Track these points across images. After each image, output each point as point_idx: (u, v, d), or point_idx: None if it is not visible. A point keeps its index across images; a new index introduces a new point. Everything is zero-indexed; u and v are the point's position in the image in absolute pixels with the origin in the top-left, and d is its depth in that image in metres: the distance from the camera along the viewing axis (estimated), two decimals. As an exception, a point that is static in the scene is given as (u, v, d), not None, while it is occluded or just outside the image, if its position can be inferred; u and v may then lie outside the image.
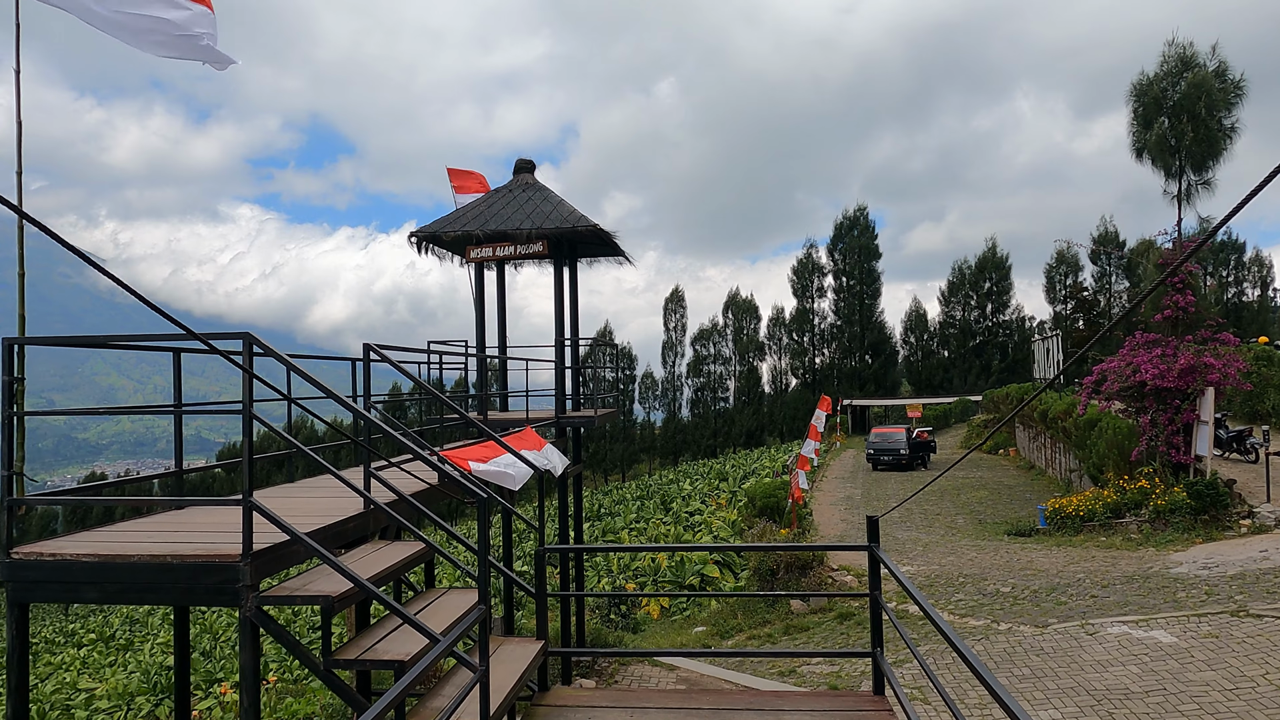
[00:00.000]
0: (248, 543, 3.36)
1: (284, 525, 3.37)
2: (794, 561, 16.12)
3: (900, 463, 34.95)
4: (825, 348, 74.68)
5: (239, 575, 3.34)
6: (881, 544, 18.24)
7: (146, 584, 3.40)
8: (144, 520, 4.37)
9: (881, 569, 4.99)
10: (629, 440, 76.04)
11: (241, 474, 3.37)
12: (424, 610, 4.12)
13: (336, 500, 4.81)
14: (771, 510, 19.47)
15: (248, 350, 3.42)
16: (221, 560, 3.36)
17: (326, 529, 4.01)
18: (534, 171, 10.84)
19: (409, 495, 4.24)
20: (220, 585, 3.34)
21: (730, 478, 39.73)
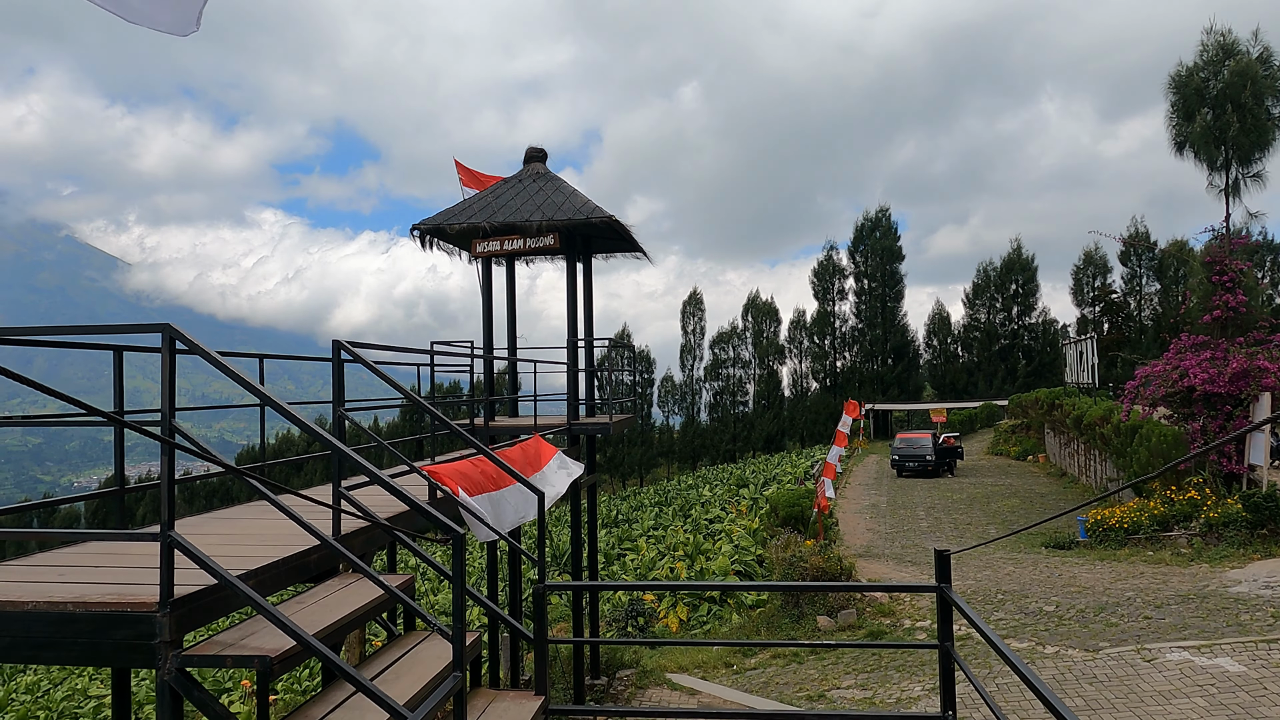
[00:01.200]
0: (167, 587, 2.68)
1: (208, 564, 2.68)
2: (820, 576, 15.32)
3: (926, 469, 33.96)
4: (846, 351, 73.55)
5: (155, 628, 2.67)
6: (911, 553, 17.32)
7: (43, 639, 2.71)
8: (53, 554, 3.69)
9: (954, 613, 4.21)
10: (647, 444, 75.28)
11: (161, 502, 2.69)
12: (396, 664, 3.45)
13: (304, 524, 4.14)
14: (795, 520, 18.66)
15: (168, 346, 2.75)
16: (135, 609, 2.69)
17: (280, 564, 3.33)
18: (546, 161, 10.14)
19: (383, 520, 3.55)
20: (132, 641, 2.67)
21: (751, 484, 38.89)
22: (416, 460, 5.99)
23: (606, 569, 26.91)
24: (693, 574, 21.39)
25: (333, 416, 3.93)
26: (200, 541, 3.04)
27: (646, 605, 20.13)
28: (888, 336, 70.62)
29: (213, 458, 2.66)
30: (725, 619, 18.77)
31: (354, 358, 3.95)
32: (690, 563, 23.22)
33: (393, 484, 2.74)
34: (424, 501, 4.82)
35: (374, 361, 4.41)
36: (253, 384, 2.78)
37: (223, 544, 3.61)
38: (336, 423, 3.94)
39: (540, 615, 3.52)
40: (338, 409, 3.97)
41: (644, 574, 24.12)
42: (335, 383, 3.96)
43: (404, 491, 3.02)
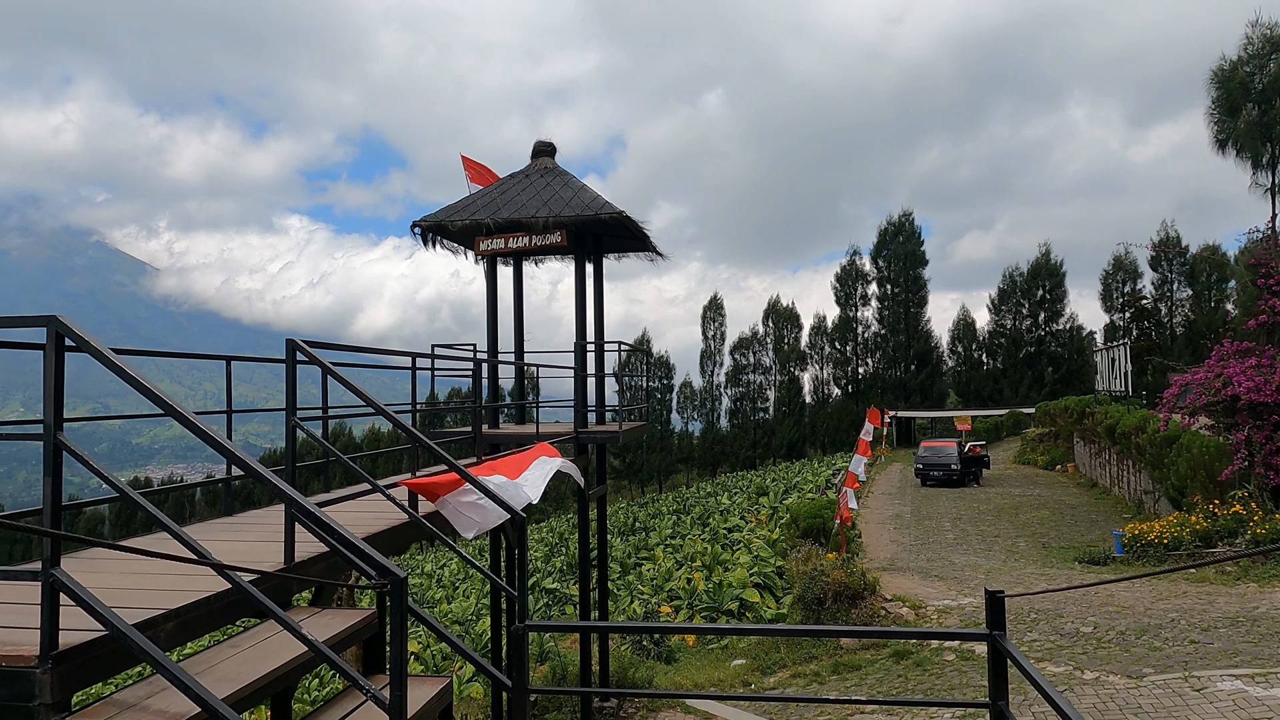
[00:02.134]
0: (50, 638, 2.19)
1: (95, 609, 2.18)
2: (842, 590, 14.69)
3: (951, 478, 33.12)
4: (869, 357, 72.55)
5: (34, 687, 2.18)
6: (937, 567, 16.50)
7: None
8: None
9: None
10: (666, 451, 74.69)
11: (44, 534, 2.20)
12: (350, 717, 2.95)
13: (261, 546, 3.65)
14: (817, 532, 18.02)
15: (53, 342, 2.25)
16: (9, 664, 2.20)
17: (209, 601, 2.84)
18: (554, 155, 9.66)
19: (343, 544, 3.04)
20: (5, 703, 2.18)
21: (771, 492, 38.17)
22: (420, 469, 5.51)
23: (622, 578, 26.36)
24: (710, 585, 20.79)
25: (286, 426, 3.46)
26: (124, 572, 2.56)
27: (662, 619, 19.57)
28: (911, 342, 69.56)
29: (103, 475, 2.18)
30: (743, 634, 18.16)
31: (309, 359, 3.48)
32: (708, 574, 22.62)
33: (319, 513, 2.24)
34: (416, 515, 4.32)
35: (344, 366, 3.91)
36: (148, 385, 2.28)
37: (151, 575, 3.13)
38: (289, 433, 3.47)
39: (520, 661, 3.01)
40: (290, 418, 3.48)
41: (660, 584, 23.55)
42: (289, 387, 3.48)
43: (330, 522, 2.51)
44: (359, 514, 4.45)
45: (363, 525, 4.03)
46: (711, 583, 21.05)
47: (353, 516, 4.38)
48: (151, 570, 3.14)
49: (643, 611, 20.46)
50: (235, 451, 2.60)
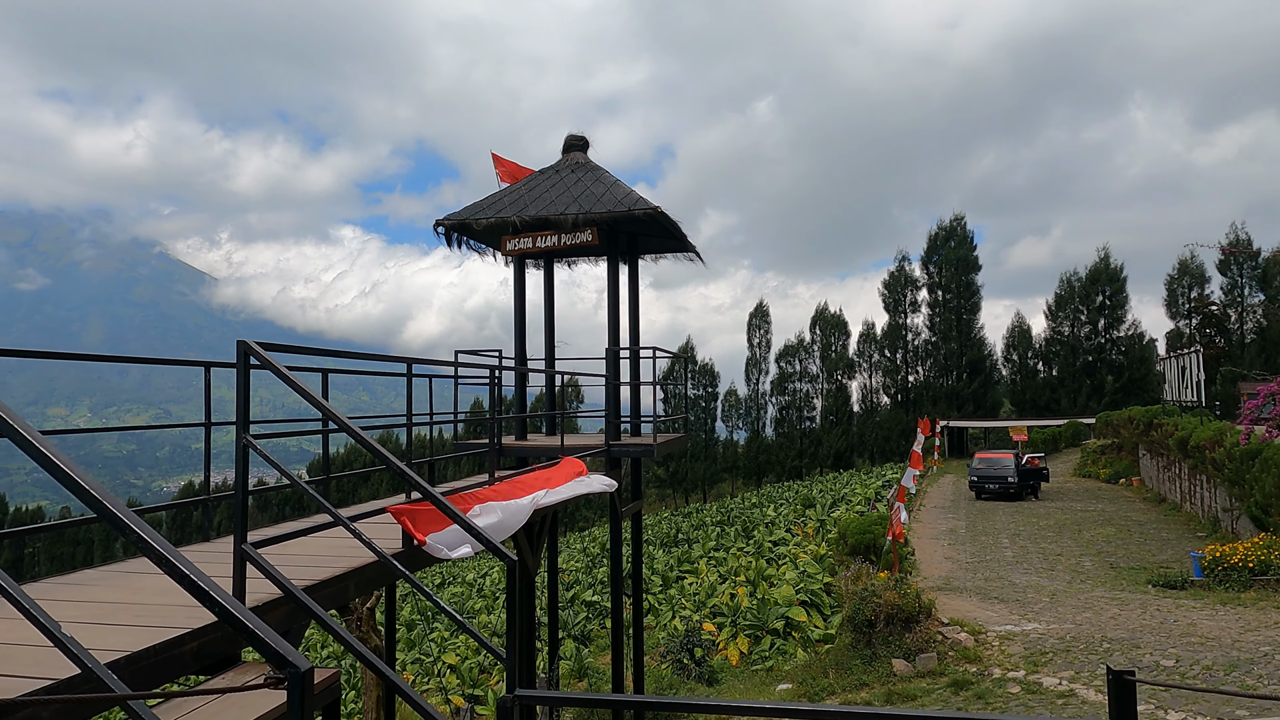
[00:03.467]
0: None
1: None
2: (895, 613, 13.83)
3: (1008, 491, 31.72)
4: (919, 365, 70.69)
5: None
6: (996, 588, 15.42)
7: None
8: None
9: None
10: (710, 460, 73.76)
11: None
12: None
13: None
14: (867, 549, 17.14)
15: None
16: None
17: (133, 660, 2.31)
18: (587, 150, 9.09)
19: (300, 587, 2.50)
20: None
21: (818, 504, 37.11)
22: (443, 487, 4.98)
23: (664, 592, 25.68)
24: (755, 602, 20.00)
25: (236, 445, 2.94)
26: (75, 603, 2.05)
27: (704, 636, 18.85)
28: (963, 350, 67.56)
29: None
30: (790, 654, 17.37)
31: (263, 363, 2.97)
32: (752, 589, 21.83)
33: (197, 577, 1.68)
34: (390, 550, 3.76)
35: (316, 373, 3.37)
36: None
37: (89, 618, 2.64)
38: (239, 452, 2.96)
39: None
40: (241, 435, 2.97)
41: (703, 600, 22.81)
42: (239, 397, 2.97)
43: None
44: (340, 544, 3.93)
45: (342, 558, 3.51)
46: (756, 599, 20.27)
47: (336, 545, 3.87)
48: (99, 609, 2.60)
49: (684, 629, 19.76)
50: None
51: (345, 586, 3.57)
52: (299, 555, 3.83)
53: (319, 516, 3.87)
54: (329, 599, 3.46)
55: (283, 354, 3.56)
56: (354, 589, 3.67)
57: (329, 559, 3.81)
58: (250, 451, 3.07)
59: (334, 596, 3.51)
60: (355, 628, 8.87)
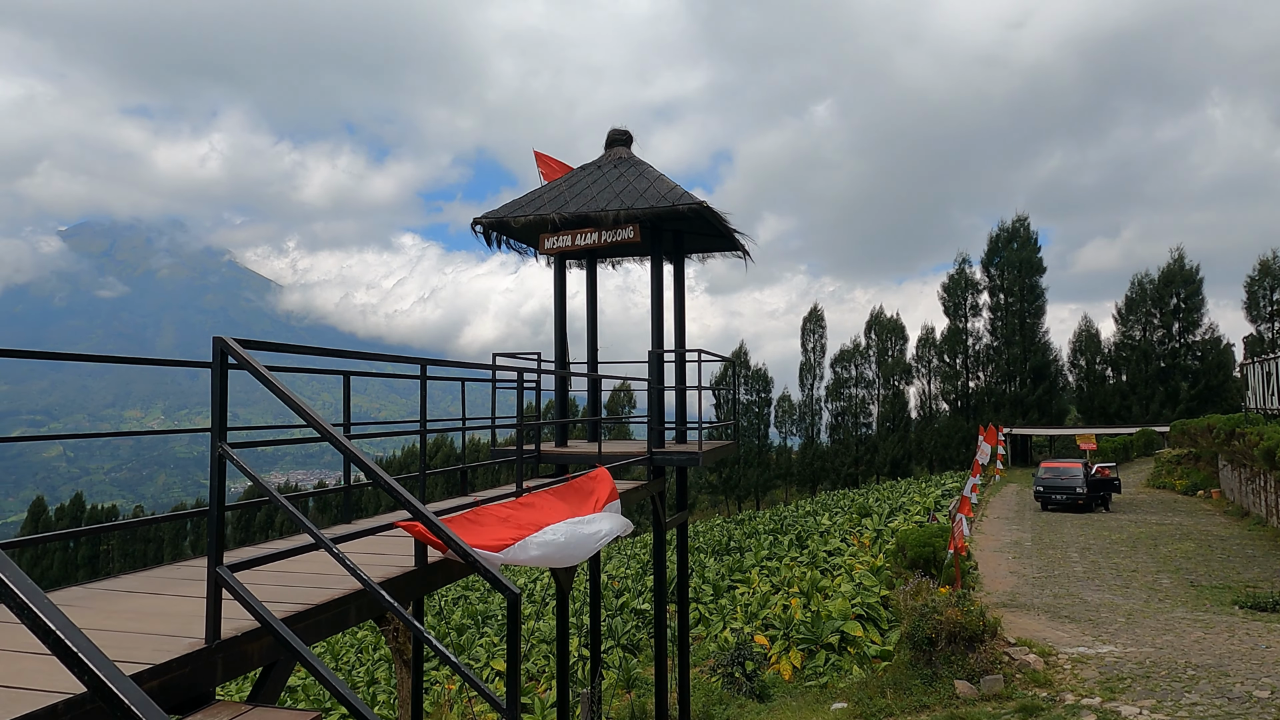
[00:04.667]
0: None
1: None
2: (958, 631, 13.12)
3: (1076, 502, 30.35)
4: (980, 371, 68.57)
5: None
6: (1067, 606, 14.58)
7: None
8: None
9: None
10: (764, 466, 72.77)
11: None
12: None
13: (171, 619, 2.77)
14: (926, 562, 16.39)
15: None
16: None
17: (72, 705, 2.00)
18: (630, 145, 8.73)
19: (291, 614, 2.17)
20: None
21: (875, 514, 36.09)
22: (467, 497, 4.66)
23: (715, 602, 25.16)
24: (809, 615, 19.34)
25: (211, 455, 2.64)
26: None
27: (756, 649, 18.28)
28: (1027, 355, 65.30)
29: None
30: (845, 670, 16.71)
31: (240, 362, 2.67)
32: (806, 601, 21.17)
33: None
34: (404, 566, 3.43)
35: (338, 375, 3.06)
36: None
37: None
38: (215, 464, 2.66)
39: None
40: (217, 444, 2.66)
41: (755, 611, 22.23)
42: (215, 404, 2.67)
43: None
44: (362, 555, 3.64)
45: (346, 577, 3.19)
46: (810, 612, 19.61)
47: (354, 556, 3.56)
48: None
49: (735, 641, 19.23)
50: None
51: (345, 611, 3.25)
52: (297, 574, 3.54)
53: (326, 530, 3.57)
54: (327, 624, 3.14)
55: (289, 354, 3.27)
56: (357, 613, 3.35)
57: (331, 578, 3.50)
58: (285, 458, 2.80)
59: (332, 623, 3.19)
60: (393, 637, 8.64)
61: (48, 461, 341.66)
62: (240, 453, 2.77)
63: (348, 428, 4.70)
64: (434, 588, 3.78)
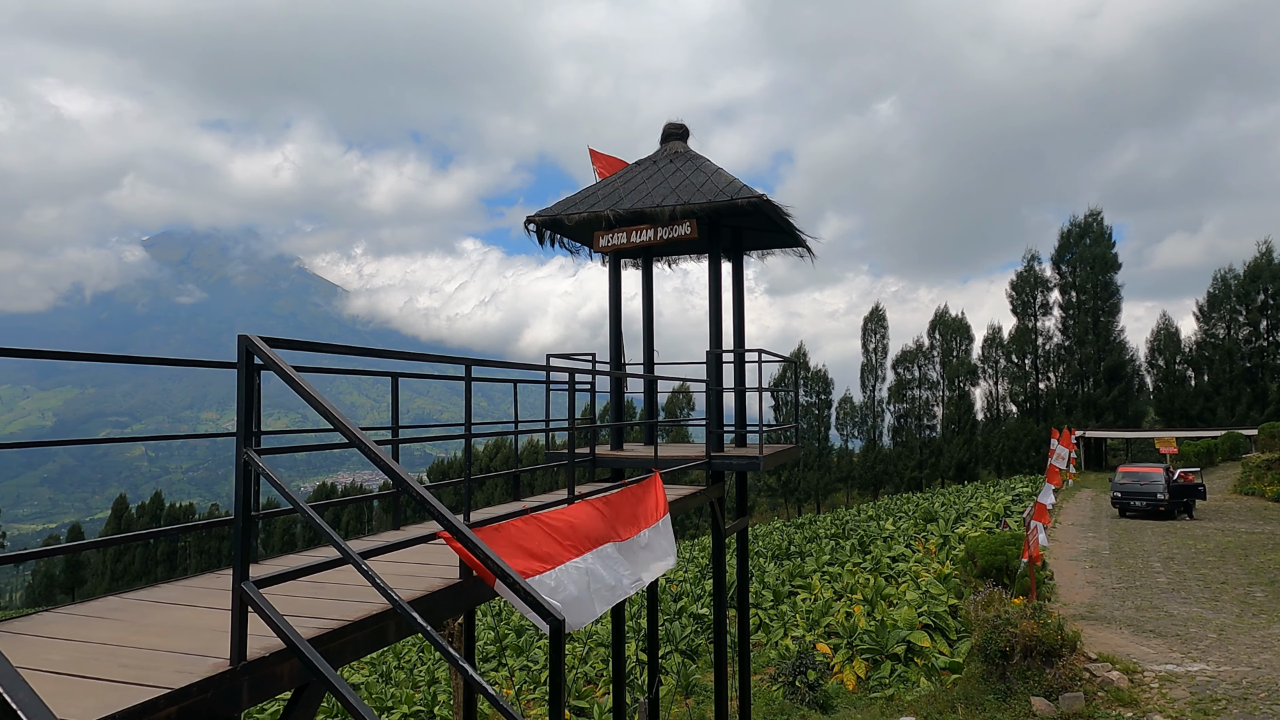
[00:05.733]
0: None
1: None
2: (1034, 645, 12.49)
3: (1157, 509, 28.90)
4: (1051, 371, 66.15)
5: None
6: (1151, 619, 13.76)
7: None
8: None
9: None
10: (824, 469, 71.50)
11: None
12: None
13: (192, 635, 2.62)
14: (999, 571, 15.69)
15: None
16: None
17: None
18: (687, 139, 8.47)
19: (322, 633, 1.99)
20: None
21: (940, 519, 35.02)
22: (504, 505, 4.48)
23: (775, 608, 24.66)
24: (873, 623, 18.76)
25: (236, 461, 2.48)
26: (60, 642, 1.64)
27: (818, 658, 17.79)
28: (1100, 355, 62.73)
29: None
30: (912, 682, 16.11)
31: (266, 363, 2.50)
32: (870, 609, 20.55)
33: None
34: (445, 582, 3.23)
35: (387, 376, 2.89)
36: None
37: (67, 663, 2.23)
38: (240, 471, 2.50)
39: None
40: (243, 450, 2.50)
41: (817, 618, 21.68)
42: (241, 406, 2.51)
43: None
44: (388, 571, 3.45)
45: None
46: (874, 620, 19.01)
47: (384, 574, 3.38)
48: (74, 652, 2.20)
49: (796, 649, 18.76)
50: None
51: (384, 628, 3.07)
52: (338, 586, 3.38)
53: (358, 542, 3.40)
54: (364, 642, 2.97)
55: (333, 354, 3.11)
56: (397, 630, 3.17)
57: (372, 592, 3.33)
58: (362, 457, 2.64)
59: (369, 640, 3.02)
60: (450, 641, 8.53)
61: (130, 461, 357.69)
62: (297, 455, 2.61)
63: (396, 430, 4.58)
64: (483, 600, 3.59)
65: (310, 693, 2.55)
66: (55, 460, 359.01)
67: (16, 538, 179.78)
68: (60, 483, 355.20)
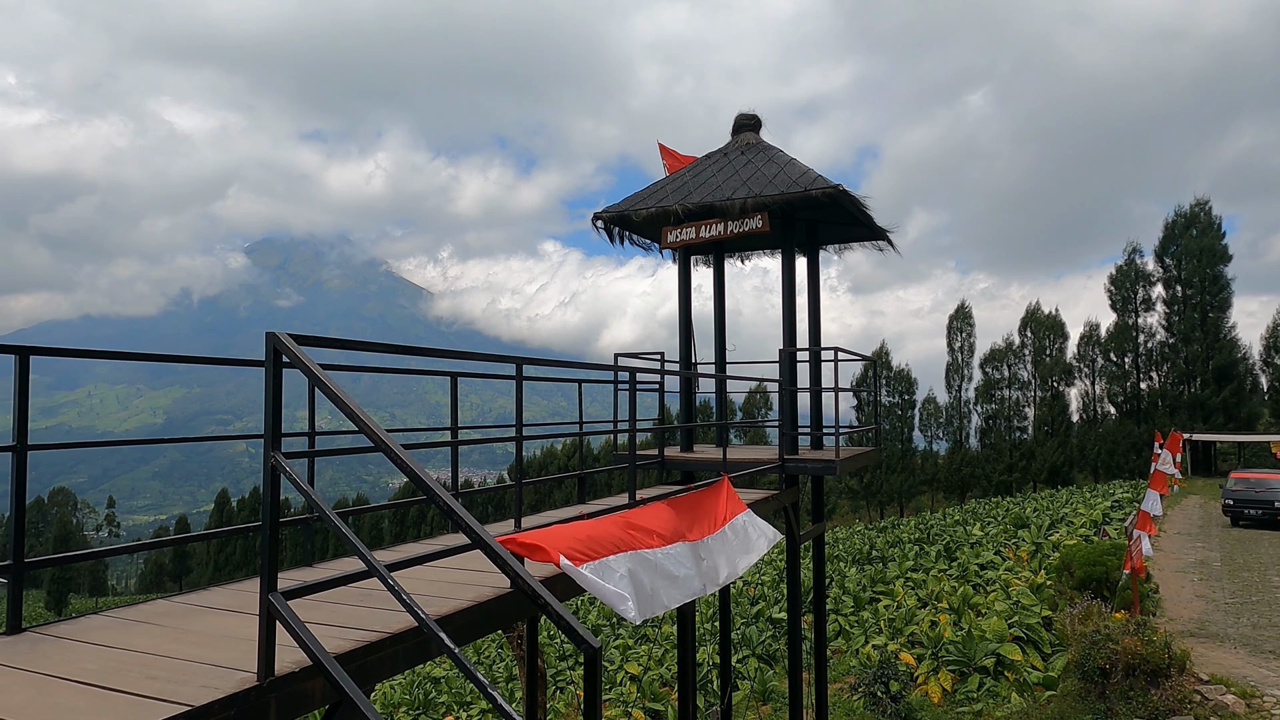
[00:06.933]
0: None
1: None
2: (1137, 663, 11.68)
3: (1276, 519, 26.90)
4: (1153, 371, 62.49)
5: None
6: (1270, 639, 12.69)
7: None
8: None
9: None
10: (908, 471, 69.44)
11: None
12: None
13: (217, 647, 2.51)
14: (1098, 582, 14.78)
15: None
16: None
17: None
18: (759, 130, 8.16)
19: (357, 645, 1.84)
20: None
21: (1032, 525, 33.44)
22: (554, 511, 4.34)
23: (855, 614, 23.97)
24: (960, 633, 17.97)
25: (264, 465, 2.37)
26: (98, 649, 1.55)
27: (901, 668, 17.14)
28: (1209, 353, 58.90)
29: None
30: (1002, 697, 15.33)
31: (292, 360, 2.38)
32: (956, 618, 19.72)
33: None
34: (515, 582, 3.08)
35: (445, 376, 2.76)
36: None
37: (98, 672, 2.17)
38: (268, 475, 2.38)
39: None
40: (271, 453, 2.38)
41: (900, 626, 20.94)
42: (269, 407, 2.39)
43: None
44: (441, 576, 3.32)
45: (438, 598, 2.87)
46: (961, 630, 18.22)
47: (433, 582, 3.26)
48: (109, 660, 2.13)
49: (878, 658, 18.14)
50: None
51: (425, 641, 2.93)
52: (381, 595, 3.27)
53: (409, 547, 3.28)
54: (403, 657, 2.84)
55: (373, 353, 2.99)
56: (439, 644, 3.03)
57: (423, 599, 3.20)
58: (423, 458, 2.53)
59: (409, 654, 2.88)
60: (517, 644, 8.48)
61: (232, 457, 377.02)
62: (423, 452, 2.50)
63: (455, 431, 4.50)
64: (535, 611, 3.44)
65: (344, 710, 2.43)
66: (165, 456, 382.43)
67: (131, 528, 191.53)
68: (170, 476, 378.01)
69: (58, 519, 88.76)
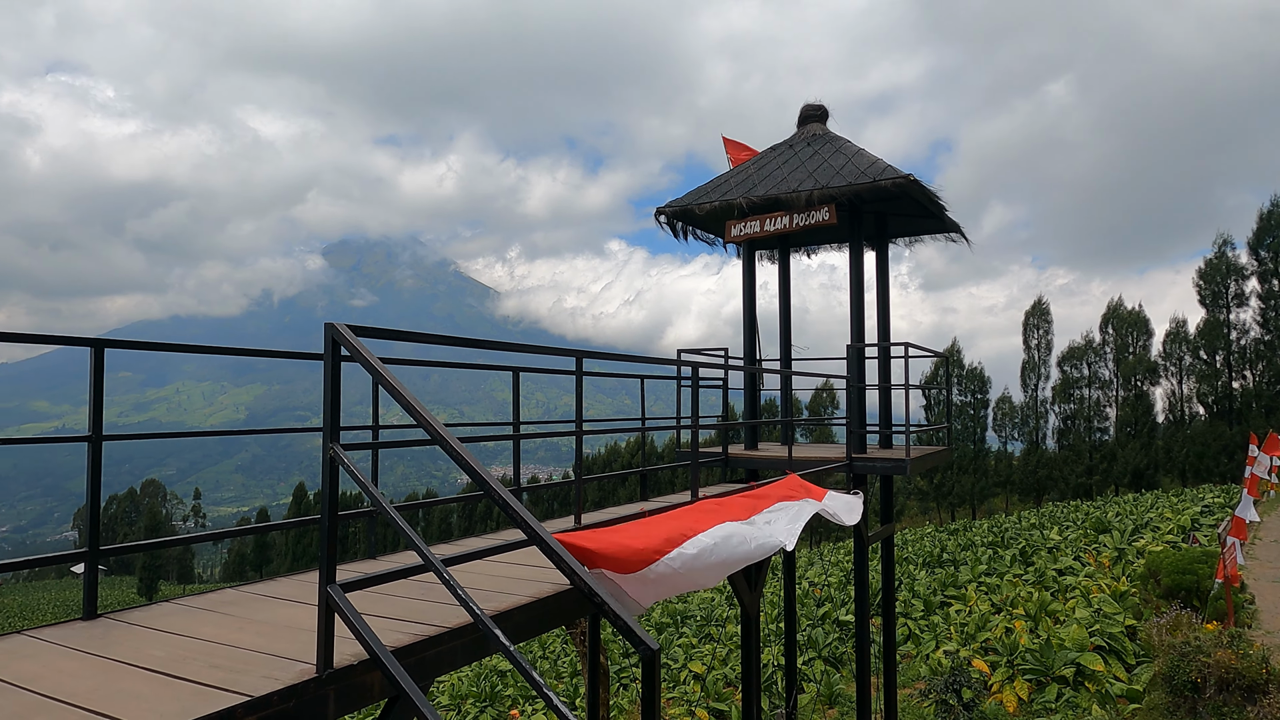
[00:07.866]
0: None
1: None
2: (1232, 678, 11.04)
3: (1385, 528, 25.12)
4: (1246, 369, 59.18)
5: None
6: None
7: None
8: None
9: None
10: (980, 473, 67.38)
11: None
12: None
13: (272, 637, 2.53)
14: (1187, 591, 14.03)
15: None
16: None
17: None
18: (826, 120, 7.94)
19: (419, 639, 1.81)
20: None
21: (1114, 530, 32.04)
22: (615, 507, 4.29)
23: (926, 619, 23.35)
24: (1037, 641, 17.31)
25: (323, 458, 2.37)
26: (163, 635, 1.58)
27: (974, 675, 16.60)
28: (1310, 351, 55.51)
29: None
30: (1082, 709, 14.71)
31: (352, 353, 2.36)
32: (1033, 625, 19.01)
33: None
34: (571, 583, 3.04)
35: (508, 370, 2.73)
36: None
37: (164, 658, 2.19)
38: (326, 465, 2.38)
39: None
40: (329, 445, 2.37)
41: (972, 632, 20.31)
42: (328, 399, 2.39)
43: None
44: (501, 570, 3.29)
45: (499, 594, 2.84)
46: (1038, 638, 17.55)
47: (493, 576, 3.23)
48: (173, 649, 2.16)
49: (950, 664, 17.61)
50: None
51: (484, 636, 2.91)
52: (442, 589, 3.26)
53: (468, 542, 3.26)
54: (462, 651, 2.82)
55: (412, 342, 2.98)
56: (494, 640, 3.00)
57: (478, 595, 3.19)
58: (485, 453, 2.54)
59: (468, 649, 2.86)
60: (580, 641, 8.48)
61: (309, 451, 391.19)
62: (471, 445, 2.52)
63: (517, 426, 4.49)
64: (593, 610, 3.39)
65: (402, 705, 2.42)
66: (248, 450, 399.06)
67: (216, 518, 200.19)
68: (252, 470, 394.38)
69: (148, 509, 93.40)
